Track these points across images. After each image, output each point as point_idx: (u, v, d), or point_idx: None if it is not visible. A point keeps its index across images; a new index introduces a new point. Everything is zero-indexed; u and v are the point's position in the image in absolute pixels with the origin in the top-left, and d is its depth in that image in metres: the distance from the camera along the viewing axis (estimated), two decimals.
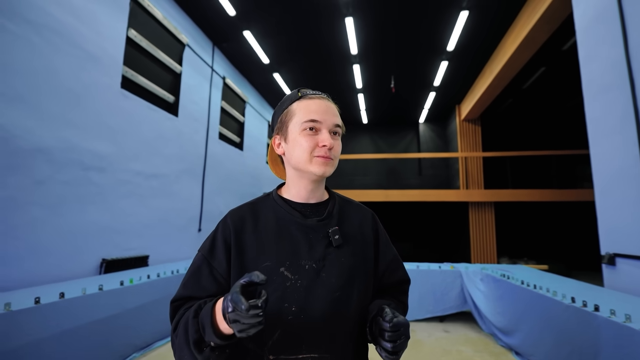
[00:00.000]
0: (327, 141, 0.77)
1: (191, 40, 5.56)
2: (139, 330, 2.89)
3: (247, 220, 0.82)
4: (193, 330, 0.65)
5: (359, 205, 0.95)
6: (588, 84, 3.26)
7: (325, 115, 0.80)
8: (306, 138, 0.78)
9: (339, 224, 0.84)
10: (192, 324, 0.66)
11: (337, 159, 0.82)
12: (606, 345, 1.91)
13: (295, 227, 0.80)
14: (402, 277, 0.94)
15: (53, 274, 3.05)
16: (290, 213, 0.82)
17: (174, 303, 0.76)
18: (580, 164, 9.61)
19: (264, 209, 0.85)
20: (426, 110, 10.17)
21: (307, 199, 0.85)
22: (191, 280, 0.77)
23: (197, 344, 0.64)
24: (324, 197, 0.89)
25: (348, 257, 0.80)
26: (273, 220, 0.82)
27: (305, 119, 0.79)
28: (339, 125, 0.82)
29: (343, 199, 0.94)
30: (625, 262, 2.75)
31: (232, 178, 7.13)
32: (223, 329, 0.63)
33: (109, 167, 3.76)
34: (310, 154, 0.78)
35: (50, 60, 3.09)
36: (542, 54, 5.94)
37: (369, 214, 0.94)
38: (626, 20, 2.74)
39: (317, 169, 0.78)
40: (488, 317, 3.58)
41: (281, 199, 0.86)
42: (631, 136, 2.66)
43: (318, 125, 0.79)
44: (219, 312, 0.63)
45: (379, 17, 5.44)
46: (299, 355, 0.71)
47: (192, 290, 0.76)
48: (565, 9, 4.14)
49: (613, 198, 2.93)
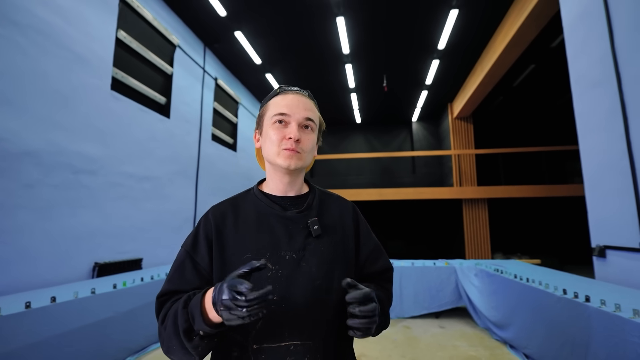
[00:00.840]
0: (292, 133, 0.79)
1: (182, 41, 5.53)
2: (132, 334, 2.86)
3: (228, 215, 0.84)
4: (183, 319, 0.66)
5: (339, 198, 0.97)
6: (576, 80, 3.31)
7: (295, 109, 0.82)
8: (275, 131, 0.81)
9: (318, 215, 0.86)
10: (181, 314, 0.66)
11: (307, 152, 0.83)
12: (597, 335, 1.94)
13: (275, 220, 0.82)
14: (384, 265, 0.94)
15: (44, 279, 3.01)
16: (270, 206, 0.84)
17: (160, 298, 0.77)
18: (570, 160, 9.74)
19: (245, 203, 0.87)
20: (419, 109, 10.23)
21: (285, 192, 0.87)
22: (176, 275, 0.78)
23: (186, 333, 0.65)
24: (303, 190, 0.92)
25: (328, 246, 0.82)
26: (253, 214, 0.84)
27: (275, 112, 0.82)
28: (311, 119, 0.83)
29: (323, 191, 0.96)
30: (614, 254, 2.80)
31: (226, 179, 7.10)
32: (212, 317, 0.64)
33: (100, 170, 3.72)
34: (278, 147, 0.80)
35: (38, 62, 3.05)
36: (531, 51, 6.01)
37: (349, 205, 0.95)
38: (611, 16, 2.78)
39: (283, 162, 0.80)
40: (483, 311, 3.61)
41: (261, 193, 0.88)
42: (618, 130, 2.71)
43: (287, 119, 0.81)
44: (208, 302, 0.64)
45: (370, 16, 5.46)
46: (282, 343, 0.73)
47: (177, 284, 0.77)
48: (553, 7, 4.20)
49: (602, 192, 2.97)
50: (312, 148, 0.85)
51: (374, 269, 0.93)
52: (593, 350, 1.96)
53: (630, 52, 2.61)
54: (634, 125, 2.58)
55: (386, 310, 0.87)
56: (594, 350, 1.95)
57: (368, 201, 9.04)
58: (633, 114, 2.59)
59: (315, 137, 0.86)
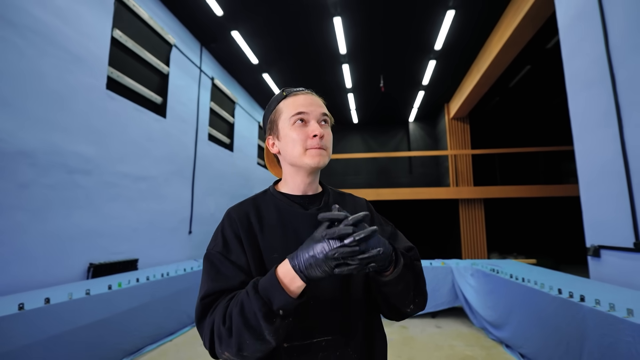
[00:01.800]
0: (317, 130, 0.79)
1: (178, 41, 5.50)
2: (128, 335, 2.85)
3: (251, 214, 0.83)
4: (258, 305, 0.62)
5: (352, 195, 0.99)
6: (571, 80, 3.33)
7: (312, 107, 0.82)
8: (297, 131, 0.81)
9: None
10: (255, 301, 0.62)
11: (330, 149, 0.84)
12: (592, 334, 1.95)
13: (298, 218, 0.83)
14: (405, 245, 0.90)
15: (38, 280, 2.99)
16: (290, 206, 0.85)
17: (205, 300, 0.72)
18: (565, 160, 9.81)
19: (265, 203, 0.87)
20: (415, 109, 10.25)
21: (304, 191, 0.88)
22: (215, 275, 0.75)
23: (267, 317, 0.61)
24: (318, 189, 0.93)
25: None
26: (275, 213, 0.84)
27: (293, 112, 0.82)
28: (327, 114, 0.85)
29: (336, 191, 0.98)
30: (609, 254, 2.82)
31: (222, 179, 7.08)
32: (295, 288, 0.63)
33: (95, 169, 3.69)
34: (303, 147, 0.80)
35: (33, 61, 3.02)
36: (527, 52, 6.05)
37: (363, 201, 0.99)
38: (606, 17, 2.80)
39: (311, 161, 0.80)
40: (479, 311, 3.62)
41: (280, 193, 0.88)
42: (613, 131, 2.73)
43: (306, 117, 0.81)
44: (288, 274, 0.63)
45: (367, 16, 5.47)
46: (314, 340, 0.73)
47: (222, 283, 0.73)
48: (549, 8, 4.23)
49: (597, 192, 2.99)
50: (331, 143, 0.86)
51: None
52: (588, 349, 1.97)
53: (624, 53, 2.63)
54: (628, 126, 2.60)
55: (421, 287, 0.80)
56: (589, 350, 1.96)
57: None
58: (627, 114, 2.61)
59: (331, 131, 0.88)
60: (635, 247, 2.50)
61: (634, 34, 2.53)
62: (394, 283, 0.72)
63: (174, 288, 3.51)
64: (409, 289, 0.75)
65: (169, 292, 3.41)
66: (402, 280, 0.72)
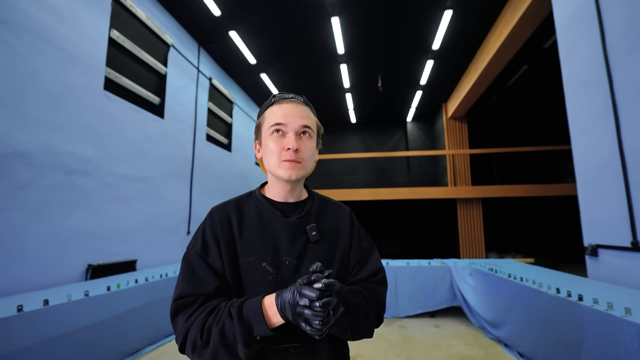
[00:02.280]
0: (290, 144, 0.80)
1: (176, 41, 5.49)
2: (127, 336, 2.84)
3: (232, 216, 0.85)
4: (241, 330, 0.68)
5: (337, 204, 0.99)
6: (568, 80, 3.34)
7: (290, 118, 0.82)
8: (274, 142, 0.82)
9: (316, 221, 0.88)
10: (238, 325, 0.69)
11: (307, 160, 0.84)
12: (590, 333, 1.96)
13: (277, 225, 0.84)
14: (374, 267, 0.92)
15: (36, 281, 2.97)
16: (272, 211, 0.86)
17: (178, 301, 0.76)
18: (562, 159, 9.85)
19: (247, 206, 0.89)
20: (413, 109, 10.27)
21: (286, 198, 0.89)
22: (192, 277, 0.78)
23: (246, 342, 0.68)
24: (302, 196, 0.93)
25: (325, 252, 0.86)
26: (256, 218, 0.86)
27: (271, 122, 0.83)
28: (307, 126, 0.84)
29: (321, 197, 0.98)
30: (607, 253, 2.83)
31: (220, 180, 7.07)
32: (275, 322, 0.69)
33: (93, 170, 3.68)
34: (278, 158, 0.81)
35: (29, 61, 3.01)
36: (524, 52, 6.07)
37: (346, 211, 0.98)
38: (603, 17, 2.82)
39: (284, 173, 0.81)
40: (477, 310, 3.64)
41: (263, 197, 0.90)
42: (610, 130, 2.74)
43: (284, 128, 0.82)
44: (270, 308, 0.69)
45: (365, 16, 5.47)
46: (282, 345, 0.77)
47: (195, 287, 0.77)
48: (546, 8, 4.24)
49: (594, 191, 3.01)
50: (312, 154, 0.86)
51: (363, 273, 0.91)
52: (586, 348, 1.99)
53: (621, 53, 2.64)
54: (625, 126, 2.62)
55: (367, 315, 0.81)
56: (587, 349, 1.97)
57: (363, 201, 9.06)
58: (624, 114, 2.62)
59: (314, 143, 0.87)
60: (633, 246, 2.51)
61: (631, 35, 2.55)
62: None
63: (173, 289, 3.50)
64: (343, 332, 0.77)
65: (167, 293, 3.40)
66: (337, 325, 0.74)
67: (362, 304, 0.81)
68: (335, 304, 0.63)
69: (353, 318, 0.77)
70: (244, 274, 0.80)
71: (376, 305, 0.86)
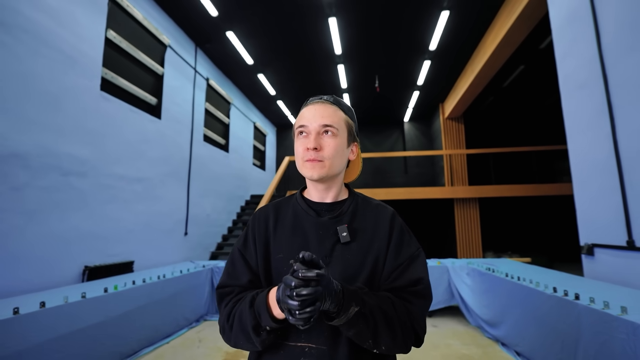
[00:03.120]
0: (310, 143, 0.82)
1: (173, 41, 5.47)
2: (124, 338, 2.82)
3: (270, 217, 0.91)
4: (250, 318, 0.73)
5: (379, 204, 0.94)
6: (564, 81, 3.37)
7: (312, 119, 0.83)
8: (298, 143, 0.86)
9: (350, 221, 0.86)
10: (249, 313, 0.73)
11: (332, 158, 0.82)
12: (586, 332, 1.98)
13: (309, 224, 0.86)
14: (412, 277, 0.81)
15: (33, 283, 2.96)
16: (306, 211, 0.89)
17: (219, 290, 0.86)
18: (558, 159, 9.90)
19: (285, 207, 0.93)
20: (410, 109, 10.30)
21: (321, 198, 0.91)
22: (231, 270, 0.88)
23: (255, 330, 0.72)
24: (341, 196, 0.93)
25: (355, 254, 0.82)
26: (291, 217, 0.89)
27: (297, 125, 0.86)
28: (328, 125, 0.83)
29: (363, 198, 0.95)
30: (603, 252, 2.85)
31: (218, 180, 7.05)
32: (276, 314, 0.70)
33: (90, 171, 3.66)
34: (302, 158, 0.84)
35: (25, 62, 2.99)
36: (520, 52, 6.10)
37: (388, 213, 0.91)
38: (598, 18, 2.84)
39: (306, 172, 0.83)
40: (475, 310, 3.65)
41: (302, 198, 0.93)
42: (606, 130, 2.77)
43: (306, 130, 0.84)
44: (272, 300, 0.71)
45: (362, 17, 5.48)
46: (298, 344, 0.77)
47: (233, 278, 0.86)
48: (542, 9, 4.27)
49: (590, 191, 3.03)
50: (338, 152, 0.83)
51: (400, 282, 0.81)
52: (583, 347, 2.00)
53: (617, 54, 2.66)
54: (620, 126, 2.64)
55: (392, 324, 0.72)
56: (584, 347, 1.99)
57: None
58: (620, 114, 2.64)
59: (339, 140, 0.84)
60: (628, 245, 2.54)
61: (626, 35, 2.57)
62: (343, 328, 0.69)
63: (171, 290, 3.49)
64: (363, 337, 0.70)
65: (165, 295, 3.39)
66: (352, 327, 0.69)
67: (387, 311, 0.73)
68: (315, 293, 0.58)
69: (371, 323, 0.70)
70: (274, 270, 0.84)
71: (409, 318, 0.75)
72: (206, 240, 6.42)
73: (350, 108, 0.94)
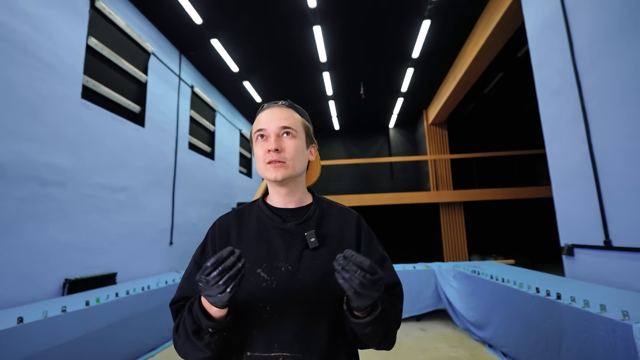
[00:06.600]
0: (270, 145, 0.82)
1: (157, 49, 5.42)
2: (108, 353, 2.73)
3: (232, 225, 0.88)
4: (190, 322, 0.71)
5: (343, 208, 0.95)
6: (541, 87, 3.50)
7: (270, 122, 0.84)
8: (258, 147, 0.85)
9: (317, 227, 0.86)
10: (188, 319, 0.72)
11: (294, 159, 0.83)
12: (569, 330, 2.03)
13: (274, 231, 0.84)
14: (390, 281, 0.85)
15: (9, 299, 2.83)
16: (271, 218, 0.86)
17: (172, 306, 0.82)
18: (538, 163, 10.21)
19: (249, 214, 0.90)
20: (395, 116, 10.46)
21: (284, 203, 0.89)
22: (185, 283, 0.84)
23: (196, 333, 0.70)
24: (305, 201, 0.92)
25: (324, 259, 0.81)
26: (255, 225, 0.87)
27: (254, 129, 0.86)
28: (287, 127, 0.84)
29: (327, 202, 0.95)
30: (582, 252, 2.95)
31: (203, 188, 6.96)
32: (212, 313, 0.69)
33: (70, 181, 3.56)
34: (263, 161, 0.83)
35: (2, 70, 2.91)
36: (499, 60, 6.31)
37: (353, 216, 0.93)
38: (571, 28, 2.98)
39: (269, 175, 0.82)
40: (462, 312, 3.70)
41: (265, 204, 0.91)
42: (581, 135, 2.88)
43: (265, 132, 0.84)
44: (204, 299, 0.70)
45: (346, 26, 5.57)
46: (271, 353, 0.74)
47: (187, 291, 0.82)
48: (518, 19, 4.44)
49: (568, 193, 3.14)
50: (298, 153, 0.84)
51: None
52: (565, 345, 2.05)
53: (589, 62, 2.79)
54: (594, 130, 2.76)
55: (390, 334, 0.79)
56: (567, 345, 2.04)
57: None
58: (593, 119, 2.76)
59: (299, 142, 0.85)
60: (605, 244, 2.63)
61: (597, 44, 2.70)
62: (362, 325, 0.71)
63: (156, 302, 3.41)
64: (375, 334, 0.74)
65: (150, 307, 3.31)
66: (370, 325, 0.71)
67: (389, 310, 0.78)
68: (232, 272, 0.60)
69: (385, 321, 0.74)
70: None
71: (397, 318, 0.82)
72: (192, 250, 6.29)
73: (305, 112, 0.95)
